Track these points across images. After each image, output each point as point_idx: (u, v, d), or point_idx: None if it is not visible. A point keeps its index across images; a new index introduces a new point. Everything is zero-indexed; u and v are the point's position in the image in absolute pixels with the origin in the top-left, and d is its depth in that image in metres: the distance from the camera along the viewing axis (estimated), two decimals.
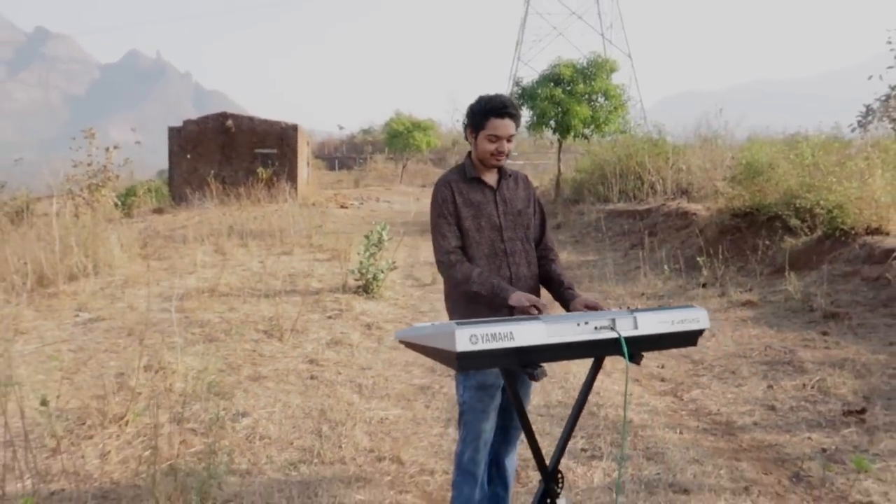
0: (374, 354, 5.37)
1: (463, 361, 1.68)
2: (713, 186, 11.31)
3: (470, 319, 1.74)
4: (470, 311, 2.35)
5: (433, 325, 1.87)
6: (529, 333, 1.72)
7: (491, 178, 2.51)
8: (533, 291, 2.49)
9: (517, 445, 2.64)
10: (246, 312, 6.32)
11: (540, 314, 2.12)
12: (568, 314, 2.11)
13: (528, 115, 16.23)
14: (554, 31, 50.86)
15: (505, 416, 2.53)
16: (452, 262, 2.39)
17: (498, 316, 2.18)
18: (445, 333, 1.68)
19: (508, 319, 1.78)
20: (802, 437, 3.67)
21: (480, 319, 1.73)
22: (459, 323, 1.66)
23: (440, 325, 1.81)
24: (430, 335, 1.81)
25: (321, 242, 10.76)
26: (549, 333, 1.75)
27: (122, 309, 6.39)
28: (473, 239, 2.43)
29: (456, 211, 2.44)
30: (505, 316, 2.20)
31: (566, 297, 2.45)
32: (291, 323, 5.82)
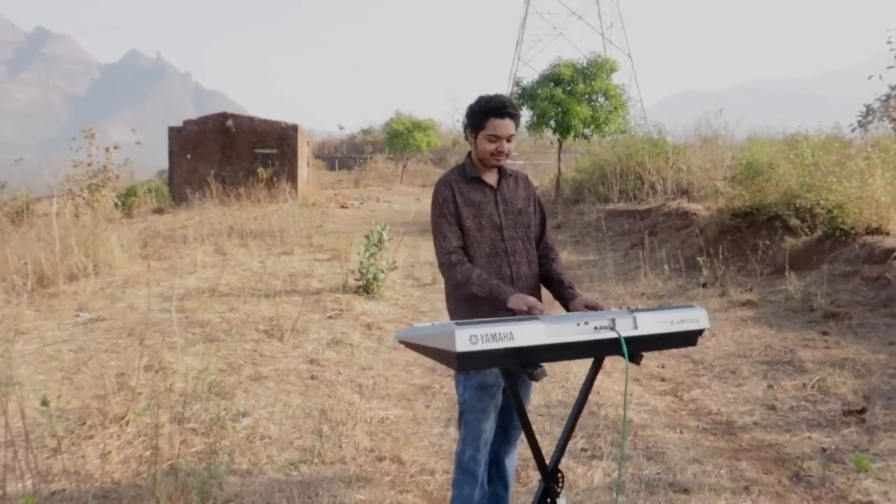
0: (374, 354, 5.37)
1: (463, 362, 1.68)
2: (713, 186, 11.31)
3: (470, 320, 1.74)
4: (471, 311, 2.35)
5: (433, 325, 1.87)
6: (529, 333, 1.72)
7: (491, 177, 2.52)
8: (534, 291, 2.49)
9: (517, 445, 2.65)
10: (246, 312, 6.33)
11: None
12: (568, 314, 2.11)
13: (528, 115, 16.24)
14: (554, 31, 50.94)
15: (505, 415, 2.54)
16: (453, 262, 2.40)
17: (499, 316, 2.18)
18: (445, 333, 1.68)
19: (508, 319, 1.78)
20: (802, 436, 3.67)
21: (480, 320, 1.73)
22: (459, 323, 1.66)
23: (440, 325, 1.82)
24: (430, 335, 1.81)
25: (321, 242, 10.76)
26: (548, 333, 1.75)
27: (122, 309, 6.39)
28: (474, 238, 2.44)
29: (457, 211, 2.44)
30: (505, 316, 2.20)
31: (566, 296, 2.46)
32: (292, 323, 5.82)
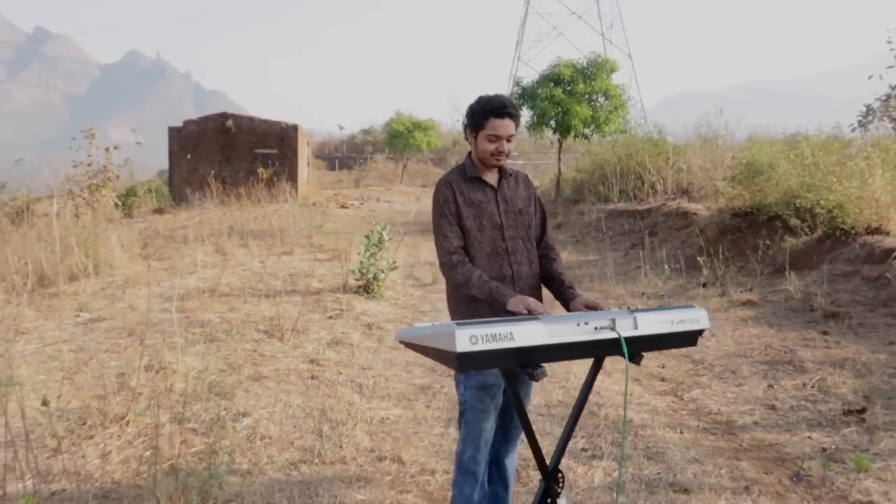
0: (374, 354, 5.37)
1: (463, 362, 1.68)
2: (713, 186, 11.32)
3: (470, 320, 1.74)
4: (472, 312, 2.35)
5: (433, 325, 1.87)
6: (529, 334, 1.72)
7: (492, 177, 2.52)
8: (534, 290, 2.49)
9: (517, 445, 2.65)
10: (246, 312, 6.33)
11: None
12: (568, 314, 2.11)
13: (528, 115, 16.24)
14: (554, 31, 50.98)
15: (505, 415, 2.54)
16: (454, 262, 2.40)
17: (500, 317, 2.18)
18: (445, 334, 1.68)
19: (508, 320, 1.78)
20: (803, 436, 3.67)
21: (480, 320, 1.73)
22: (459, 323, 1.66)
23: (440, 325, 1.82)
24: (430, 335, 1.81)
25: (322, 242, 10.76)
26: (549, 334, 1.75)
27: (122, 309, 6.39)
28: (475, 238, 2.44)
29: (457, 211, 2.44)
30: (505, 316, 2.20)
31: (567, 296, 2.46)
32: (292, 323, 5.82)
